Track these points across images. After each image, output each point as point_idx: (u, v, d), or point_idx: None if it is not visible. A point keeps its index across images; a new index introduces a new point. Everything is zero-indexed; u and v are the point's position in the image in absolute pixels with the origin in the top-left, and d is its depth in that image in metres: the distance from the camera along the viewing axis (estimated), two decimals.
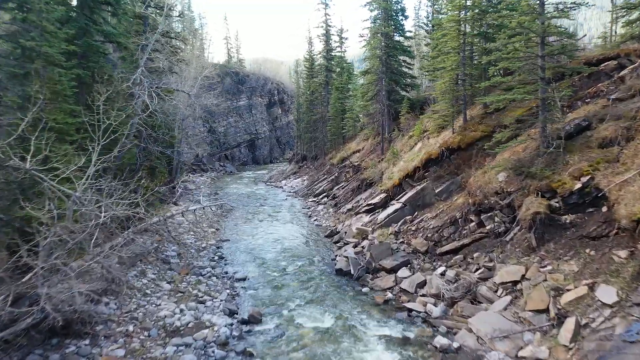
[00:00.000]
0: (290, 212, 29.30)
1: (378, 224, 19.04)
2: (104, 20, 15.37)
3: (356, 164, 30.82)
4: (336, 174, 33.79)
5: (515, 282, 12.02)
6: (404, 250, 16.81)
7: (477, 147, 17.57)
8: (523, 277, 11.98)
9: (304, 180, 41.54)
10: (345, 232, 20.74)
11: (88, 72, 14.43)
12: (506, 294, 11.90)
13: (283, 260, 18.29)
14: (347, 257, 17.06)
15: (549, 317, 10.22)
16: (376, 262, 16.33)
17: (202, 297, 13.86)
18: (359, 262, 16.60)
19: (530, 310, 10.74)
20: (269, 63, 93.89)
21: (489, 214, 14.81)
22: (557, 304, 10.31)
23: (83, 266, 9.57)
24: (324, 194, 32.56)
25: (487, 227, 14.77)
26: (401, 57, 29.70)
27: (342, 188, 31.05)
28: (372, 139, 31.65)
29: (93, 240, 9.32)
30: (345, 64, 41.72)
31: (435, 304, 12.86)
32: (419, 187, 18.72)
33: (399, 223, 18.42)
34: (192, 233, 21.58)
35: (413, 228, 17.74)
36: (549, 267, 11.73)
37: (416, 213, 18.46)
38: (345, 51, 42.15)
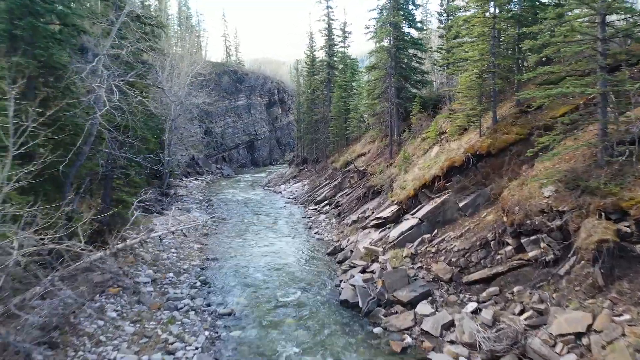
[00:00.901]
0: (288, 222, 26.41)
1: (390, 243, 16.13)
2: None
3: (362, 168, 27.92)
4: (339, 180, 30.89)
5: (579, 335, 9.11)
6: (423, 278, 13.91)
7: (510, 152, 14.66)
8: (590, 327, 9.07)
9: (305, 185, 38.67)
10: (351, 251, 17.85)
11: (33, 61, 11.57)
12: (568, 351, 9.00)
13: (278, 286, 15.42)
14: (354, 285, 14.17)
15: None
16: (390, 292, 13.44)
17: (172, 343, 10.97)
18: (369, 292, 13.71)
19: None
20: (269, 63, 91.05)
21: (531, 238, 11.90)
22: None
23: None
24: (326, 202, 29.67)
25: (530, 254, 11.86)
26: (411, 51, 26.80)
27: (346, 195, 28.16)
28: (379, 141, 28.74)
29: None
30: (348, 60, 38.84)
31: (470, 358, 9.97)
32: (438, 200, 15.82)
33: (416, 243, 15.52)
34: (174, 250, 18.71)
35: (433, 250, 14.83)
36: (627, 316, 8.81)
37: (436, 231, 15.55)
38: (348, 46, 39.30)
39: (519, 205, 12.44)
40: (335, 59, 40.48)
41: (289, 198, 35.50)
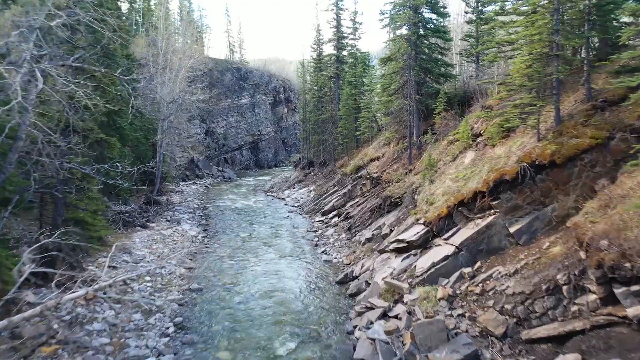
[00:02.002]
0: (291, 237, 22.95)
1: (418, 277, 12.60)
2: None
3: (375, 175, 24.38)
4: (349, 187, 27.38)
5: None
6: (466, 332, 10.35)
7: (581, 162, 11.05)
8: None
9: (311, 190, 35.20)
10: (367, 283, 14.35)
11: None
12: None
13: (275, 333, 11.98)
14: (373, 339, 10.68)
15: None
16: (423, 352, 9.93)
17: None
18: (394, 349, 10.23)
19: None
20: (275, 62, 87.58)
21: (632, 288, 8.31)
22: None
23: None
24: (335, 212, 26.19)
25: (630, 311, 8.28)
26: (433, 40, 23.19)
27: (358, 205, 24.66)
28: (395, 144, 25.19)
29: None
30: (359, 54, 35.27)
31: None
32: (482, 223, 12.26)
33: (453, 279, 11.97)
34: (148, 279, 15.32)
35: (477, 290, 11.27)
36: None
37: (479, 264, 11.99)
38: (359, 38, 35.78)
39: (609, 238, 8.84)
40: (344, 52, 36.94)
41: (293, 206, 32.07)
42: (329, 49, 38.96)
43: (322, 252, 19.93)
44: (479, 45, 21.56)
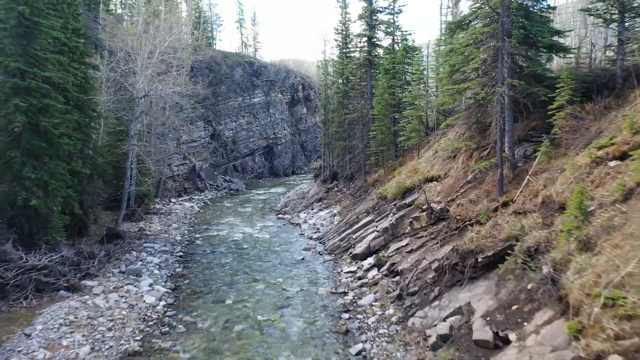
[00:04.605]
0: (306, 307, 14.39)
1: None
2: None
3: (439, 206, 15.61)
4: (392, 219, 18.67)
5: None
6: None
7: None
8: None
9: (334, 215, 26.62)
10: None
11: None
12: None
13: None
14: None
15: None
16: None
17: None
18: None
19: None
20: (293, 63, 78.73)
21: None
22: None
23: None
24: (372, 258, 17.60)
25: None
26: None
27: (409, 252, 16.00)
28: (467, 158, 16.41)
29: None
30: (398, 31, 26.48)
31: None
32: None
33: None
34: None
35: None
36: None
37: None
38: (399, 12, 26.88)
39: None
40: (378, 31, 28.19)
41: (311, 238, 23.62)
42: (357, 29, 30.33)
43: (361, 353, 11.28)
44: None
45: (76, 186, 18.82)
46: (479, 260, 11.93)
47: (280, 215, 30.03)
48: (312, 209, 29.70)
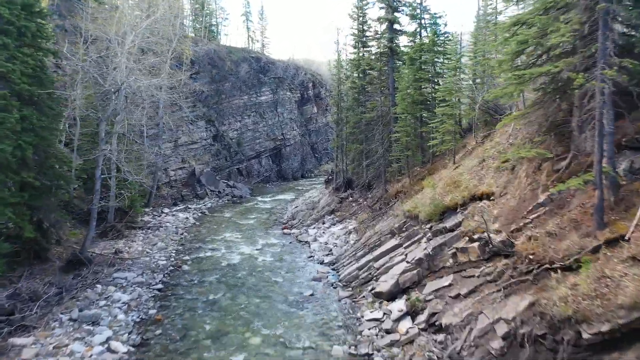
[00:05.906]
0: None
1: None
2: None
3: (498, 237, 11.33)
4: (426, 247, 14.40)
5: None
6: None
7: None
8: None
9: (350, 231, 22.45)
10: None
11: None
12: None
13: None
14: None
15: None
16: None
17: None
18: None
19: None
20: (302, 62, 74.39)
21: None
22: None
23: None
24: (403, 299, 13.40)
25: None
26: None
27: (455, 297, 11.90)
28: (536, 171, 12.09)
29: None
30: (426, 14, 22.21)
31: None
32: None
33: None
34: None
35: None
36: None
37: None
38: None
39: None
40: (400, 14, 23.94)
41: (322, 261, 19.53)
42: (376, 13, 26.12)
43: None
44: None
45: (28, 202, 15.06)
46: (585, 337, 7.70)
47: (286, 230, 25.94)
48: (324, 223, 25.55)
